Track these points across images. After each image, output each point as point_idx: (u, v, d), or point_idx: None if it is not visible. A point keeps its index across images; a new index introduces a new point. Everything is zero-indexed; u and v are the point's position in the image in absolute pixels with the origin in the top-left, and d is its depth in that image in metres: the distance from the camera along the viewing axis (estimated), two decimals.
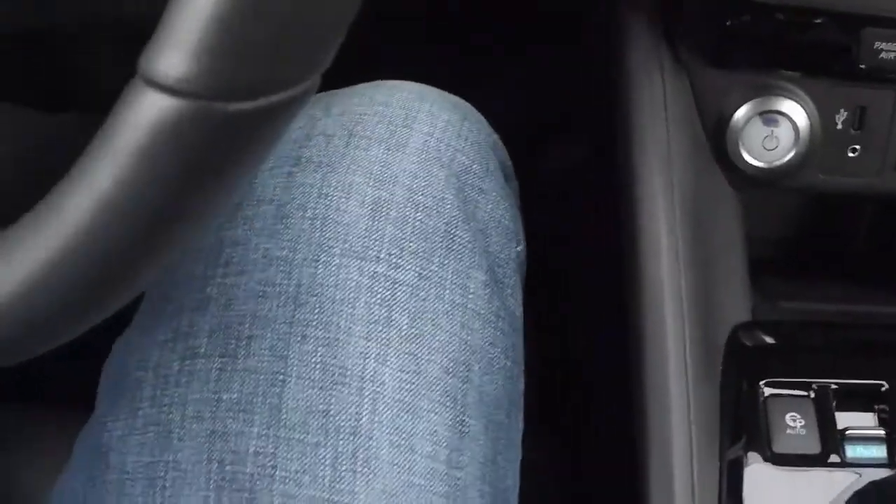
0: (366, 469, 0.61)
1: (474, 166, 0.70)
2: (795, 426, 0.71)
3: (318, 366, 0.62)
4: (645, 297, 0.77)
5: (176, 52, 0.37)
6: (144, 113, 0.38)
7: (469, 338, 0.66)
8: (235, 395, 0.62)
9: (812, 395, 0.73)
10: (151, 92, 0.38)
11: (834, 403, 0.72)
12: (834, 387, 0.73)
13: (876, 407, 0.73)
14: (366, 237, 0.65)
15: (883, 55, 0.72)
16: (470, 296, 0.67)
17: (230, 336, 0.63)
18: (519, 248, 0.73)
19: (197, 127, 0.38)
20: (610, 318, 0.83)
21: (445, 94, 0.71)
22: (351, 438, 0.61)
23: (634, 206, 0.78)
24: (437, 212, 0.67)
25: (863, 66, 0.73)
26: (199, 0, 0.37)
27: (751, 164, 0.77)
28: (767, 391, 0.73)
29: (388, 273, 0.65)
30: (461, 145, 0.70)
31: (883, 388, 0.73)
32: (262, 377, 0.62)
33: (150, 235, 0.41)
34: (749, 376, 0.74)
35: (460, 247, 0.68)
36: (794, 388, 0.73)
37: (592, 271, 1.03)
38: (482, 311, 0.68)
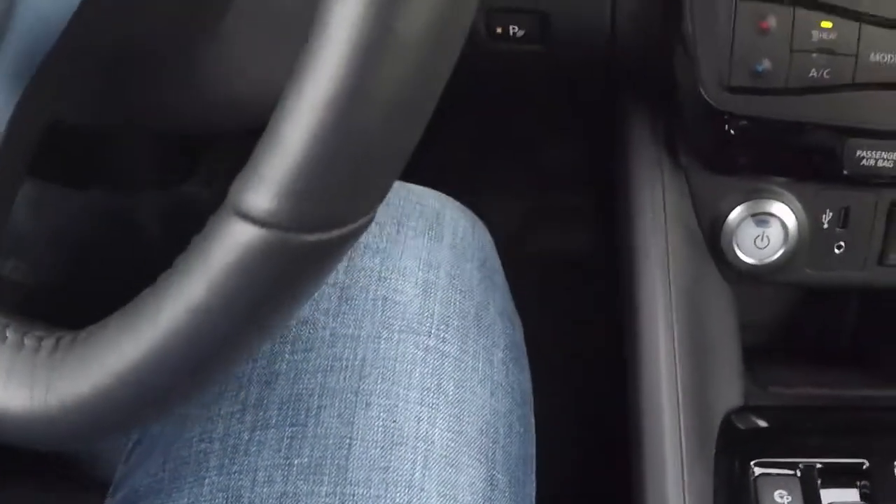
0: None
1: (487, 263, 0.78)
2: (783, 503, 0.73)
3: (380, 429, 0.68)
4: (643, 382, 0.79)
5: (266, 191, 0.41)
6: (236, 238, 0.42)
7: (496, 405, 0.73)
8: (306, 460, 0.67)
9: (798, 473, 0.75)
10: (241, 221, 0.42)
11: (819, 481, 0.74)
12: (819, 466, 0.75)
13: (858, 483, 0.75)
14: (419, 314, 0.73)
15: (864, 162, 0.74)
16: (494, 369, 0.74)
17: (300, 407, 0.69)
18: (521, 334, 0.81)
19: (280, 253, 0.42)
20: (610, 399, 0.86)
21: (457, 202, 0.79)
22: (406, 490, 0.67)
23: (634, 298, 0.81)
24: (470, 296, 0.75)
25: (846, 172, 0.75)
26: (288, 146, 0.41)
27: (743, 261, 0.80)
28: (758, 471, 0.75)
29: (438, 346, 0.72)
30: (477, 245, 0.78)
31: (864, 466, 0.75)
32: (330, 441, 0.68)
33: (231, 340, 0.45)
34: (741, 457, 0.76)
35: (486, 327, 0.75)
36: (781, 468, 0.75)
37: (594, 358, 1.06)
38: (503, 383, 0.75)
